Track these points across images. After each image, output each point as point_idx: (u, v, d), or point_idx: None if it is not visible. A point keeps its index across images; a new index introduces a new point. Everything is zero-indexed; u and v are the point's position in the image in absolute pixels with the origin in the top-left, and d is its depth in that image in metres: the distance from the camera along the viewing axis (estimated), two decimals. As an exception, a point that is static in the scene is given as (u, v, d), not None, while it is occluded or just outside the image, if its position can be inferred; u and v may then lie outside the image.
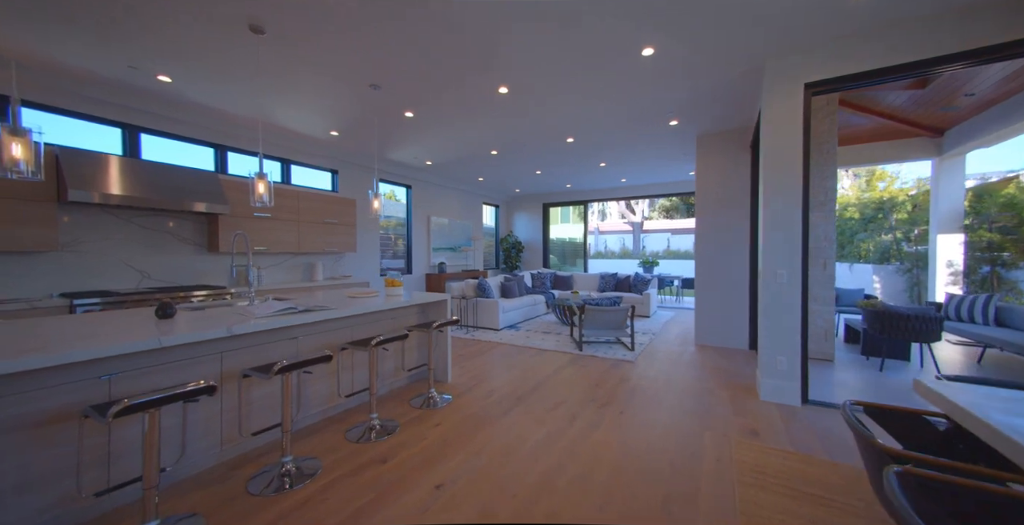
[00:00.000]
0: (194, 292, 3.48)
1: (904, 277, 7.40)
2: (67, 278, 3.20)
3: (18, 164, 1.56)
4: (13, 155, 1.55)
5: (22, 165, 1.57)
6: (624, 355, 4.09)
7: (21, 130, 1.57)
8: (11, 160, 1.55)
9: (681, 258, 17.54)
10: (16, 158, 1.56)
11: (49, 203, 2.90)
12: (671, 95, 3.48)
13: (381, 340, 2.27)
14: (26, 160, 1.58)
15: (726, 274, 4.49)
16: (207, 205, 3.64)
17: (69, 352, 1.36)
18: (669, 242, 19.29)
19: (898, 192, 8.57)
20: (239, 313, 2.22)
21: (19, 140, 1.57)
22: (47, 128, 3.21)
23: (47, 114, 3.18)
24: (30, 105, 3.08)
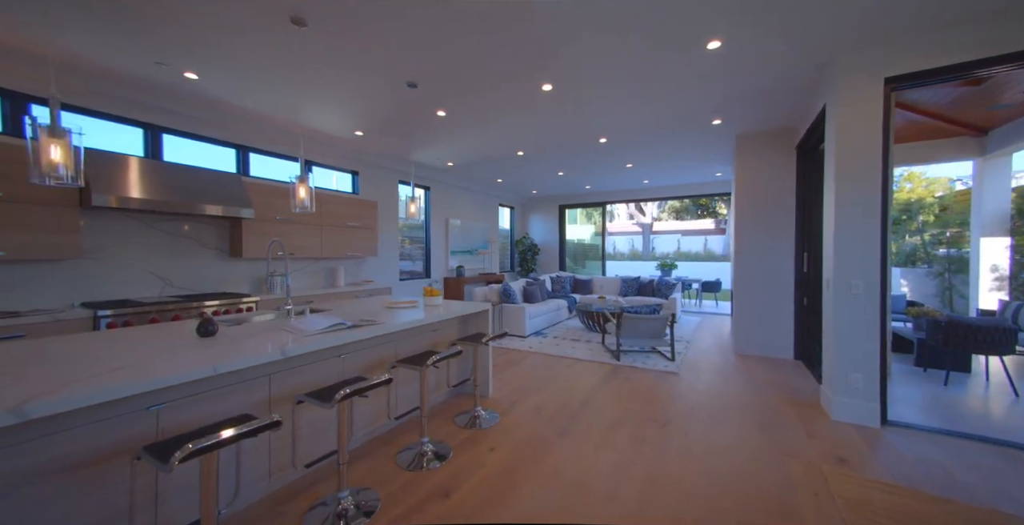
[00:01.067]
0: (219, 301, 3.31)
1: (935, 281, 7.20)
2: (88, 286, 3.03)
3: (57, 169, 1.39)
4: (52, 159, 1.38)
5: (61, 170, 1.39)
6: (665, 366, 3.91)
7: (60, 130, 1.40)
8: (50, 165, 1.38)
9: (692, 260, 17.35)
10: (55, 162, 1.38)
11: (72, 208, 2.73)
12: (722, 92, 3.30)
13: (438, 358, 2.10)
14: (65, 164, 1.41)
15: (768, 280, 4.30)
16: (232, 209, 3.47)
17: (123, 383, 1.19)
18: (679, 244, 19.08)
19: (925, 193, 8.36)
20: (283, 329, 2.04)
21: (58, 142, 1.39)
22: (67, 128, 3.04)
23: (66, 113, 3.01)
24: (44, 102, 2.91)
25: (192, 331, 1.98)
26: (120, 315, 2.77)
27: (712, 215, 19.34)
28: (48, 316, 2.47)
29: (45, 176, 1.37)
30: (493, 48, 2.57)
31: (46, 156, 1.37)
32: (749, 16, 2.21)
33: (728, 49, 2.54)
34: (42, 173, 1.37)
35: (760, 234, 4.36)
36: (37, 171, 1.37)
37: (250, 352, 1.59)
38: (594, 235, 12.51)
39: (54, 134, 1.39)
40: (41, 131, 1.37)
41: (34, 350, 1.59)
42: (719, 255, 16.63)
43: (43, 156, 1.36)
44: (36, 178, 1.37)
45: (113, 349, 1.61)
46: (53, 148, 1.38)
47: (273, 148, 4.41)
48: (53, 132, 1.38)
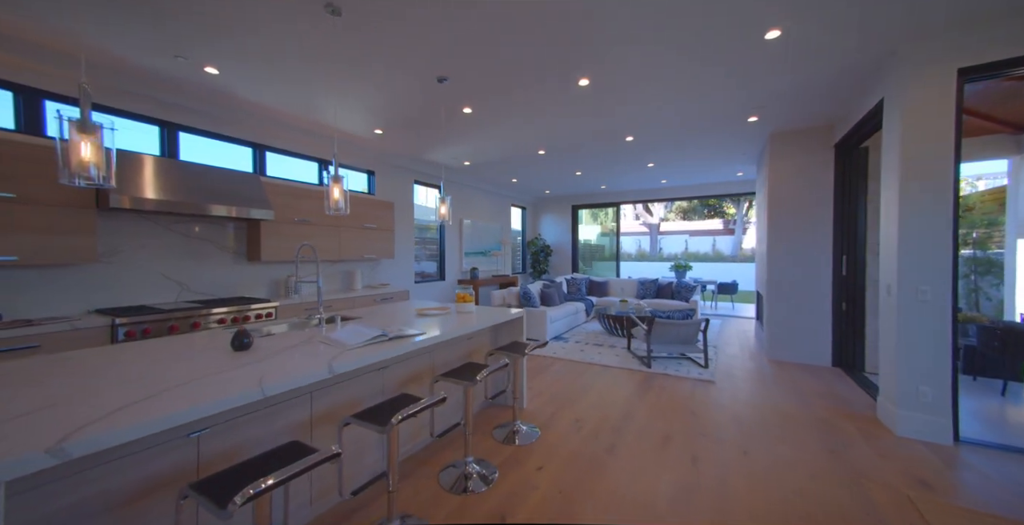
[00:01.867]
0: (237, 307, 3.16)
1: (960, 282, 7.01)
2: (101, 292, 2.88)
3: (88, 169, 1.24)
4: (83, 158, 1.23)
5: (93, 170, 1.24)
6: (700, 373, 3.75)
7: (91, 126, 1.25)
8: (80, 164, 1.23)
9: (700, 260, 17.19)
10: (86, 161, 1.23)
11: (87, 210, 2.59)
12: (768, 88, 3.14)
13: (489, 372, 1.94)
14: (96, 164, 1.26)
15: (802, 283, 4.14)
16: (251, 210, 3.33)
17: (170, 415, 1.04)
18: (687, 244, 18.93)
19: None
20: (320, 341, 1.89)
21: (89, 139, 1.25)
22: (81, 126, 2.90)
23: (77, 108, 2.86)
24: (60, 99, 2.76)
25: (223, 343, 1.83)
26: (138, 323, 2.62)
27: (720, 215, 19.20)
28: (63, 325, 2.33)
29: (75, 177, 1.23)
30: (532, 38, 2.42)
31: (76, 155, 1.22)
32: (816, 1, 2.05)
33: (786, 39, 2.38)
34: (72, 173, 1.22)
35: (794, 235, 4.20)
36: (66, 171, 1.22)
37: (296, 370, 1.44)
38: (600, 235, 12.31)
39: (85, 130, 1.24)
40: (71, 126, 1.22)
41: (56, 368, 1.44)
42: (728, 256, 16.52)
43: (73, 154, 1.21)
44: (65, 179, 1.23)
45: (144, 366, 1.46)
46: (84, 145, 1.23)
47: (290, 147, 4.27)
48: (84, 128, 1.24)
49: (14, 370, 1.40)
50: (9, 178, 2.27)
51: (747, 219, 17.89)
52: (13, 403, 1.09)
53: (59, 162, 1.20)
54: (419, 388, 2.29)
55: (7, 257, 2.26)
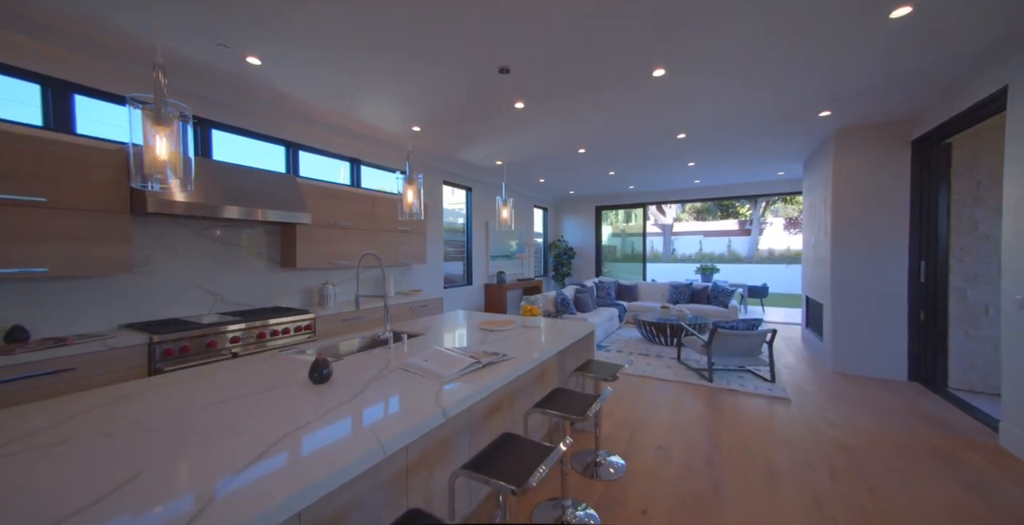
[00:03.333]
0: (275, 319, 2.91)
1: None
2: (131, 304, 2.63)
3: (165, 169, 0.98)
4: (158, 156, 0.97)
5: (169, 172, 0.99)
6: (770, 389, 3.48)
7: (167, 115, 0.99)
8: (155, 163, 0.97)
9: (715, 261, 16.89)
10: (162, 160, 0.97)
11: (122, 215, 2.33)
12: (855, 79, 2.86)
13: (598, 407, 1.67)
14: (173, 163, 1.00)
15: (875, 291, 3.85)
16: (289, 214, 3.07)
17: (289, 499, 0.77)
18: (701, 245, 18.63)
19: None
20: (408, 369, 1.63)
21: (166, 132, 0.99)
22: (109, 118, 2.65)
23: (108, 104, 2.61)
24: (92, 93, 2.51)
25: (292, 371, 1.57)
26: (176, 340, 2.37)
27: (734, 216, 18.86)
28: (98, 345, 2.08)
29: (148, 180, 0.96)
30: (612, 21, 2.15)
31: (150, 152, 0.96)
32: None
33: (913, 18, 2.11)
34: (143, 175, 0.96)
35: (864, 239, 3.91)
36: (139, 173, 0.96)
37: (406, 415, 1.17)
38: (611, 236, 12.05)
39: (160, 120, 0.98)
40: (145, 116, 0.96)
41: (116, 413, 1.18)
42: (744, 257, 16.20)
43: (147, 152, 0.95)
44: (138, 182, 0.97)
45: (218, 411, 1.20)
46: (158, 139, 0.97)
47: (324, 146, 4.01)
48: (159, 118, 0.97)
49: (68, 411, 1.15)
50: (39, 180, 2.02)
51: (764, 220, 17.60)
52: (83, 475, 0.83)
53: (130, 160, 0.94)
54: (505, 420, 2.03)
55: (37, 269, 2.01)
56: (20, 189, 1.96)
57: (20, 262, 1.97)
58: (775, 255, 16.24)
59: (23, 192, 1.97)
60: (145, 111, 0.96)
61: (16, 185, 1.95)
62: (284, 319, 2.97)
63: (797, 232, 17.06)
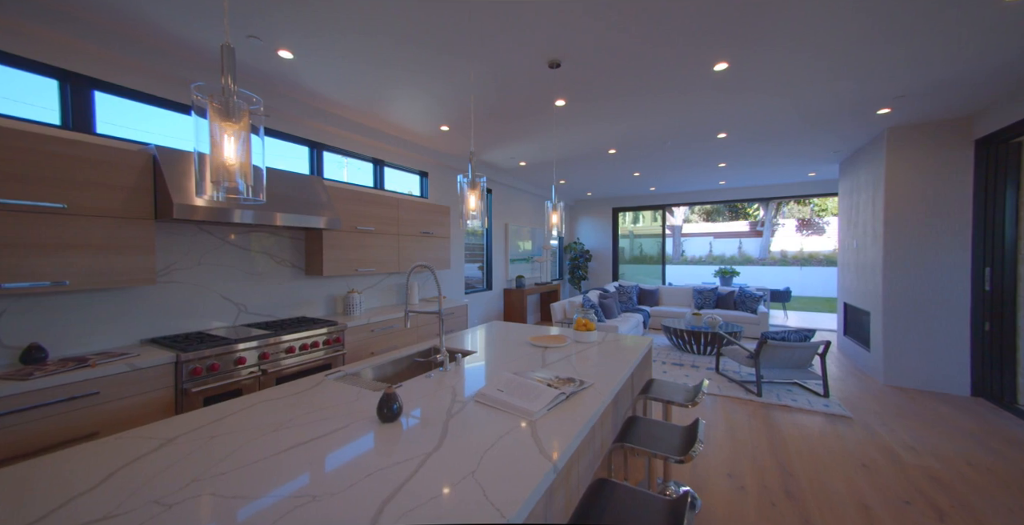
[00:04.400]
0: (303, 332, 2.72)
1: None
2: (154, 317, 2.44)
3: (235, 176, 0.78)
4: (226, 159, 0.77)
5: (241, 183, 0.79)
6: (825, 405, 3.27)
7: (237, 107, 0.79)
8: (223, 169, 0.77)
9: (727, 264, 16.63)
10: (232, 165, 0.78)
11: (146, 222, 2.14)
12: (938, 71, 2.64)
13: (701, 446, 1.47)
14: (244, 170, 0.80)
15: (933, 300, 3.63)
16: (319, 219, 2.88)
17: None
18: (711, 246, 18.36)
19: None
20: (486, 403, 1.43)
21: (235, 130, 0.79)
22: (123, 118, 2.46)
23: (123, 99, 2.42)
24: (114, 90, 2.32)
25: (349, 403, 1.37)
26: (203, 358, 2.18)
27: (744, 217, 18.53)
28: (122, 364, 1.88)
29: (218, 189, 0.77)
30: (681, 5, 1.96)
31: (218, 155, 0.76)
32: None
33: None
34: (210, 182, 0.76)
35: (918, 244, 3.70)
36: (203, 180, 0.76)
37: (511, 466, 0.97)
38: (620, 238, 11.88)
39: (229, 114, 0.78)
40: (212, 109, 0.76)
41: (153, 461, 0.99)
42: (756, 259, 15.87)
43: (215, 153, 0.75)
44: (204, 191, 0.77)
45: (290, 463, 1.00)
46: (228, 140, 0.77)
47: (348, 147, 3.82)
48: (228, 111, 0.78)
49: (107, 463, 0.95)
50: (58, 185, 1.83)
51: (776, 222, 17.32)
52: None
53: (195, 165, 0.75)
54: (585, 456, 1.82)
55: (57, 282, 1.82)
56: (38, 194, 1.77)
57: (39, 275, 1.78)
58: (787, 257, 15.96)
59: (42, 197, 1.78)
60: (212, 105, 0.76)
61: (34, 190, 1.76)
62: (313, 332, 2.78)
63: (810, 233, 16.77)
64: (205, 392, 2.16)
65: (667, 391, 2.02)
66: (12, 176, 1.71)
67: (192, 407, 2.11)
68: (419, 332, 3.86)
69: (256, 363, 2.43)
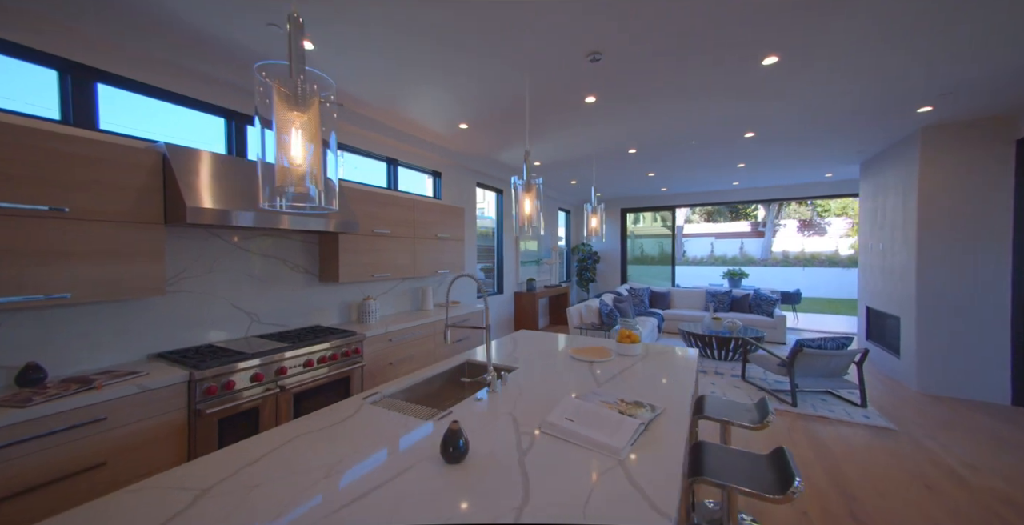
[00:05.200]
0: (321, 343, 2.54)
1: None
2: (163, 330, 2.25)
3: (304, 181, 0.61)
4: (294, 156, 0.60)
5: (312, 188, 0.62)
6: (865, 416, 3.14)
7: (308, 93, 0.62)
8: (293, 174, 0.60)
9: (729, 264, 16.58)
10: (300, 169, 0.60)
11: (156, 226, 1.96)
12: (992, 67, 2.52)
13: (801, 487, 1.30)
14: (315, 173, 0.63)
15: (971, 305, 3.52)
16: (339, 222, 2.70)
17: None
18: (713, 247, 18.32)
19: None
20: (548, 431, 1.27)
21: (301, 120, 0.61)
22: (128, 115, 2.27)
23: (123, 91, 2.22)
24: (120, 82, 2.13)
25: (398, 435, 1.20)
26: (218, 375, 1.99)
27: (746, 218, 18.47)
28: (131, 386, 1.70)
29: (283, 196, 0.60)
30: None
31: (287, 151, 0.59)
32: None
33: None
34: (277, 190, 0.59)
35: (954, 247, 3.58)
36: (268, 187, 0.59)
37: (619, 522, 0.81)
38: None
39: (297, 101, 0.61)
40: (278, 95, 0.59)
41: (181, 521, 0.81)
42: (758, 260, 15.85)
43: (287, 150, 0.58)
44: (268, 199, 0.60)
45: (362, 518, 0.83)
46: (297, 133, 0.60)
47: (362, 145, 3.64)
48: (296, 98, 0.61)
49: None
50: (58, 186, 1.64)
51: (777, 222, 17.32)
52: None
53: (259, 171, 0.58)
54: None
55: (59, 294, 1.63)
56: (37, 196, 1.58)
57: (38, 286, 1.59)
58: (790, 258, 15.95)
59: (40, 200, 1.59)
60: (278, 90, 0.58)
61: (31, 192, 1.57)
62: (331, 343, 2.60)
63: (811, 234, 16.78)
64: (220, 413, 1.98)
65: (726, 410, 1.86)
66: (7, 176, 1.52)
67: (206, 430, 1.92)
68: (436, 340, 3.68)
69: (273, 378, 2.25)
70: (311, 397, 2.46)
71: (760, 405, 1.84)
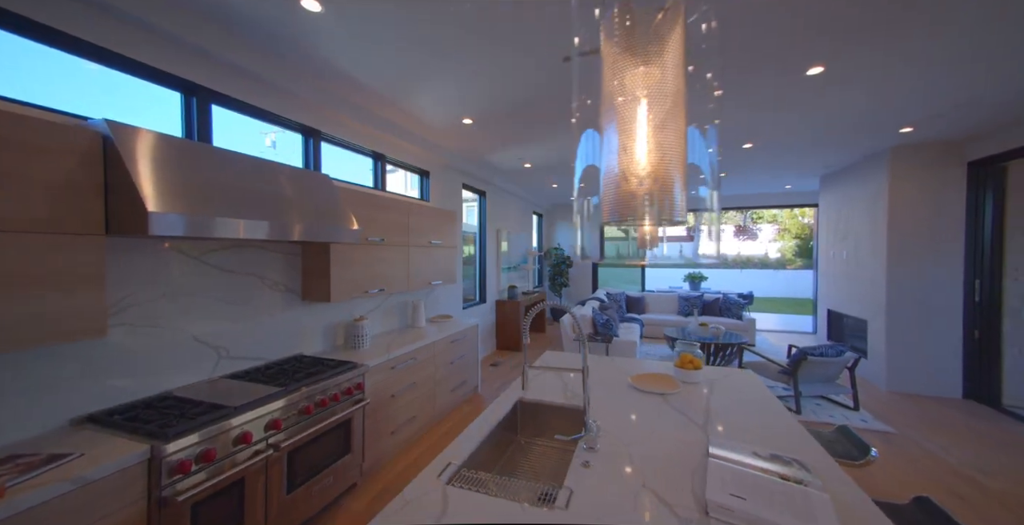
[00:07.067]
0: (316, 381, 2.04)
1: None
2: (101, 379, 1.61)
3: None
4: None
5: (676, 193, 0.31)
6: (863, 420, 3.29)
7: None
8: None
9: (683, 267, 17.69)
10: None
11: (92, 240, 1.37)
12: (977, 90, 2.73)
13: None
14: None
15: (931, 309, 3.89)
16: (338, 230, 2.20)
17: None
18: (665, 249, 19.46)
19: None
20: (715, 515, 0.99)
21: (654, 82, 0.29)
22: (49, 86, 1.61)
23: (29, 42, 1.56)
24: (20, 30, 1.47)
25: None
26: (191, 446, 1.44)
27: (681, 223, 20.11)
28: (58, 481, 1.13)
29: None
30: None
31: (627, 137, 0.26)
32: None
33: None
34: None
35: (919, 257, 3.93)
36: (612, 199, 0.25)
37: None
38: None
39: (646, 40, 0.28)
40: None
41: None
42: (694, 262, 17.31)
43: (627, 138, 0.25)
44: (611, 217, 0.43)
45: None
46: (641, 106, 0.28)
47: (348, 136, 3.09)
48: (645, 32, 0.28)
49: None
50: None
51: (701, 228, 18.84)
52: None
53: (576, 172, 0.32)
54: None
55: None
56: None
57: None
58: (728, 261, 17.44)
59: None
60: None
61: None
62: (330, 380, 2.10)
63: (745, 238, 18.46)
64: (197, 496, 1.44)
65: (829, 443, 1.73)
66: None
67: (176, 523, 1.38)
68: (436, 362, 3.25)
69: (263, 436, 1.73)
70: (305, 453, 1.95)
71: (845, 434, 1.74)
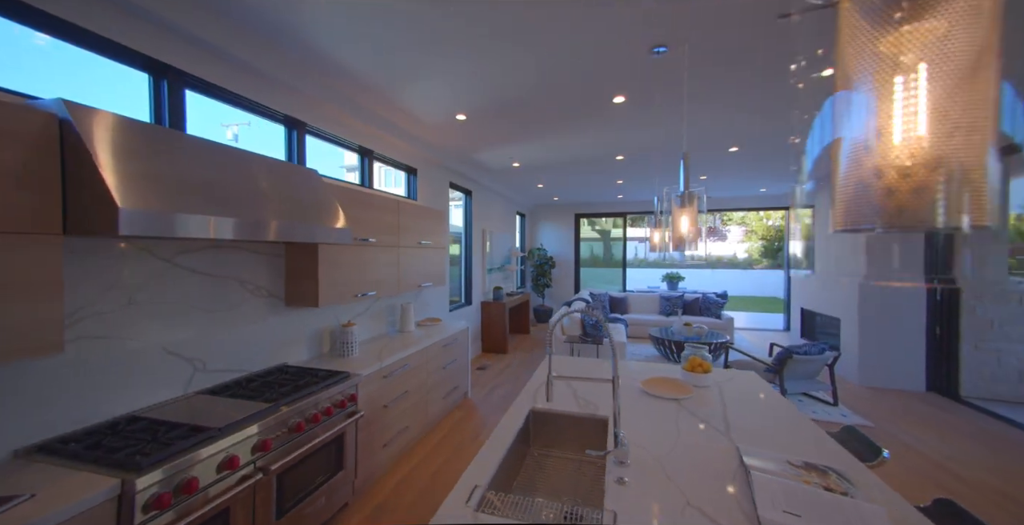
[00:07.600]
0: (306, 395, 1.87)
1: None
2: (48, 403, 1.39)
3: None
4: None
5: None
6: (843, 415, 3.44)
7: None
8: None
9: (651, 267, 18.15)
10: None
11: (47, 240, 1.16)
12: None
13: None
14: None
15: (898, 308, 4.12)
16: (328, 230, 2.02)
17: None
18: (637, 250, 19.93)
19: None
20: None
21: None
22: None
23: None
24: None
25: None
26: (169, 480, 1.26)
27: (640, 225, 20.86)
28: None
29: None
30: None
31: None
32: None
33: None
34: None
35: (887, 257, 4.18)
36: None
37: None
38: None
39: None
40: None
41: None
42: (678, 262, 17.96)
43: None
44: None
45: None
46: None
47: (336, 130, 2.89)
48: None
49: None
50: None
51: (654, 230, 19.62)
52: None
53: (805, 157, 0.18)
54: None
55: None
56: None
57: None
58: (699, 260, 18.10)
59: None
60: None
61: None
62: (322, 393, 1.94)
63: (715, 240, 19.23)
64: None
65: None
66: None
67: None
68: (428, 368, 3.11)
69: (251, 459, 1.55)
70: (295, 474, 1.78)
71: (853, 434, 1.76)
